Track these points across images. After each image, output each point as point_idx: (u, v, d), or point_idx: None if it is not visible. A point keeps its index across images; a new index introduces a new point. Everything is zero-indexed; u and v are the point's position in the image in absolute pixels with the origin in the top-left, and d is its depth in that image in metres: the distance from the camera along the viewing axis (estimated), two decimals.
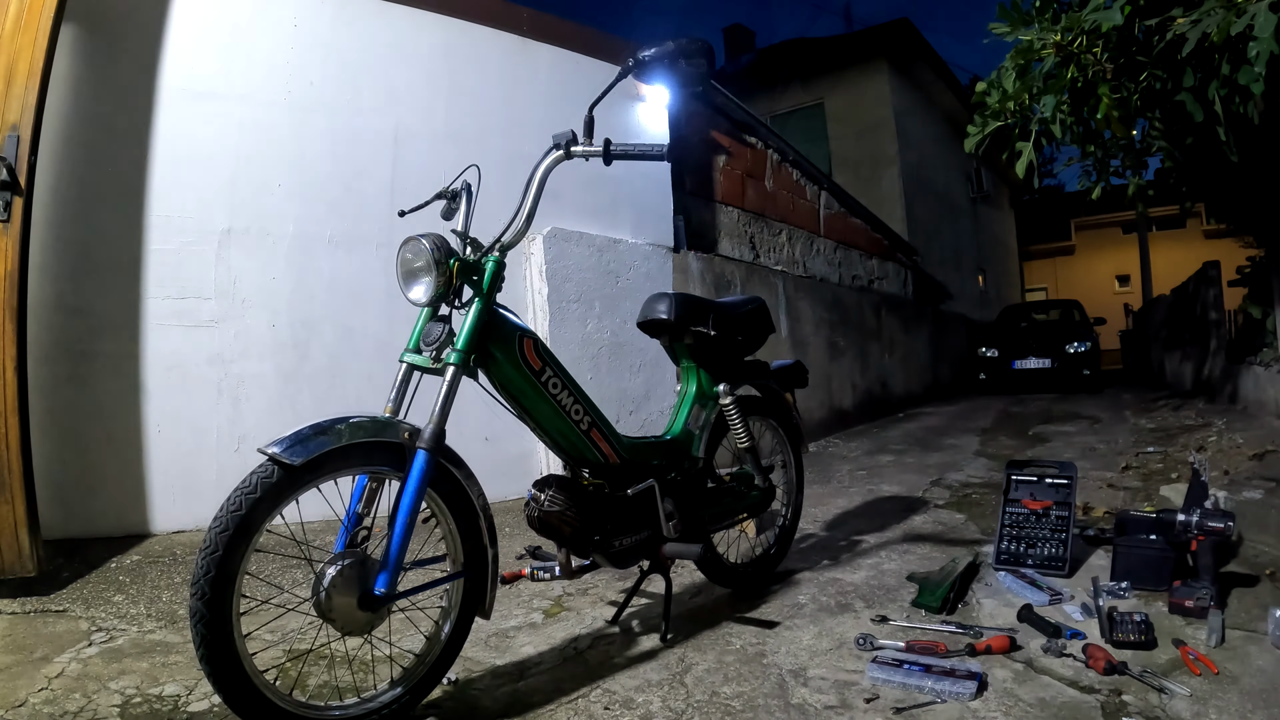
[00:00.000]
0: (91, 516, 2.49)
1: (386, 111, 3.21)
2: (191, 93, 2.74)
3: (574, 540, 1.64)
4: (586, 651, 1.76)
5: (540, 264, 3.51)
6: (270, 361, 2.86)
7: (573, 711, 1.45)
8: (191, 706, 1.47)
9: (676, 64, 1.51)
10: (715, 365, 2.04)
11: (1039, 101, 3.41)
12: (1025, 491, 2.28)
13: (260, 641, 1.51)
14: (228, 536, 1.16)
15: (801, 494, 2.38)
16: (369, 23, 3.20)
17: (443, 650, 1.46)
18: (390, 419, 1.37)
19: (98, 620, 1.93)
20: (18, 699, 1.48)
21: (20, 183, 2.06)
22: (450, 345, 1.42)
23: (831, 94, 10.70)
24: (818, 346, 5.94)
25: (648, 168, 4.12)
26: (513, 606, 2.08)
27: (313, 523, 1.39)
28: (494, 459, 3.12)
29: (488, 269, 1.46)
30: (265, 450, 1.21)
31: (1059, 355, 9.11)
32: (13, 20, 2.09)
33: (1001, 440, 5.14)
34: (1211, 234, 16.64)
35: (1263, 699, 1.36)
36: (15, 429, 2.02)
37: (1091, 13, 2.98)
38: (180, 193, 2.70)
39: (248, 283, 2.83)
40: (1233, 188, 4.39)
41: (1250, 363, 4.93)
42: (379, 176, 3.17)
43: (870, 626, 1.82)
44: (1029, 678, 1.51)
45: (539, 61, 3.73)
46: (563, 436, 1.63)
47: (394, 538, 1.31)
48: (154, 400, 2.62)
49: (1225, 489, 2.62)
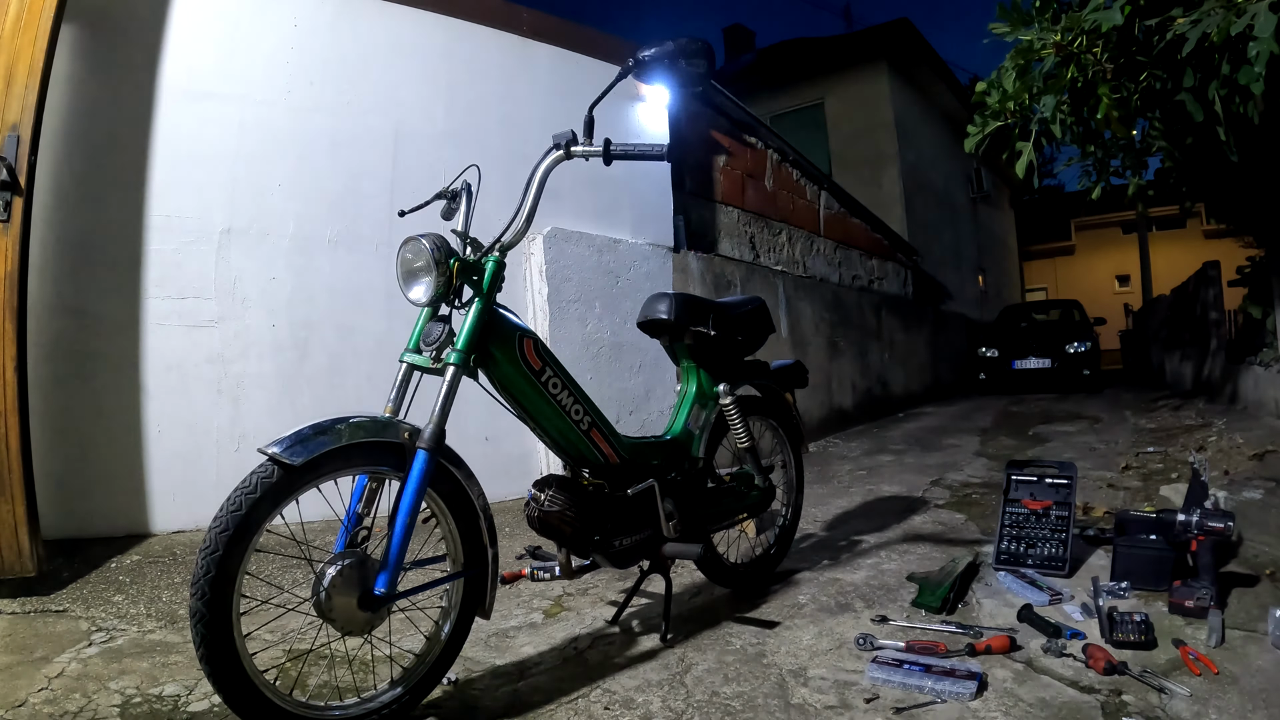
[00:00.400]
0: (91, 516, 2.49)
1: (386, 111, 3.21)
2: (191, 93, 2.74)
3: (574, 540, 1.63)
4: (586, 651, 1.76)
5: (540, 264, 3.51)
6: (270, 361, 2.86)
7: (573, 711, 1.45)
8: (191, 706, 1.47)
9: (676, 64, 1.51)
10: (715, 365, 2.04)
11: (1039, 101, 3.41)
12: (1025, 491, 2.28)
13: (260, 641, 1.51)
14: (228, 536, 1.16)
15: (801, 494, 2.38)
16: (369, 23, 3.20)
17: (443, 650, 1.46)
18: (390, 419, 1.37)
19: (98, 620, 1.93)
20: (18, 699, 1.48)
21: (20, 183, 2.06)
22: (450, 345, 1.42)
23: (831, 94, 10.69)
24: (818, 346, 5.94)
25: (648, 168, 4.12)
26: (513, 606, 2.08)
27: (313, 523, 1.39)
28: (494, 459, 3.13)
29: (488, 269, 1.46)
30: (265, 450, 1.21)
31: (1059, 355, 9.11)
32: (13, 20, 2.09)
33: (1001, 440, 5.14)
34: (1211, 234, 16.64)
35: (1263, 699, 1.36)
36: (15, 429, 2.02)
37: (1091, 13, 2.98)
38: (180, 193, 2.70)
39: (248, 283, 2.83)
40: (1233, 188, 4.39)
41: (1250, 363, 4.93)
42: (379, 176, 3.17)
43: (870, 626, 1.82)
44: (1029, 678, 1.51)
45: (539, 61, 3.73)
46: (563, 436, 1.63)
47: (394, 538, 1.31)
48: (154, 400, 2.62)
49: (1225, 489, 2.63)
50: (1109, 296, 19.72)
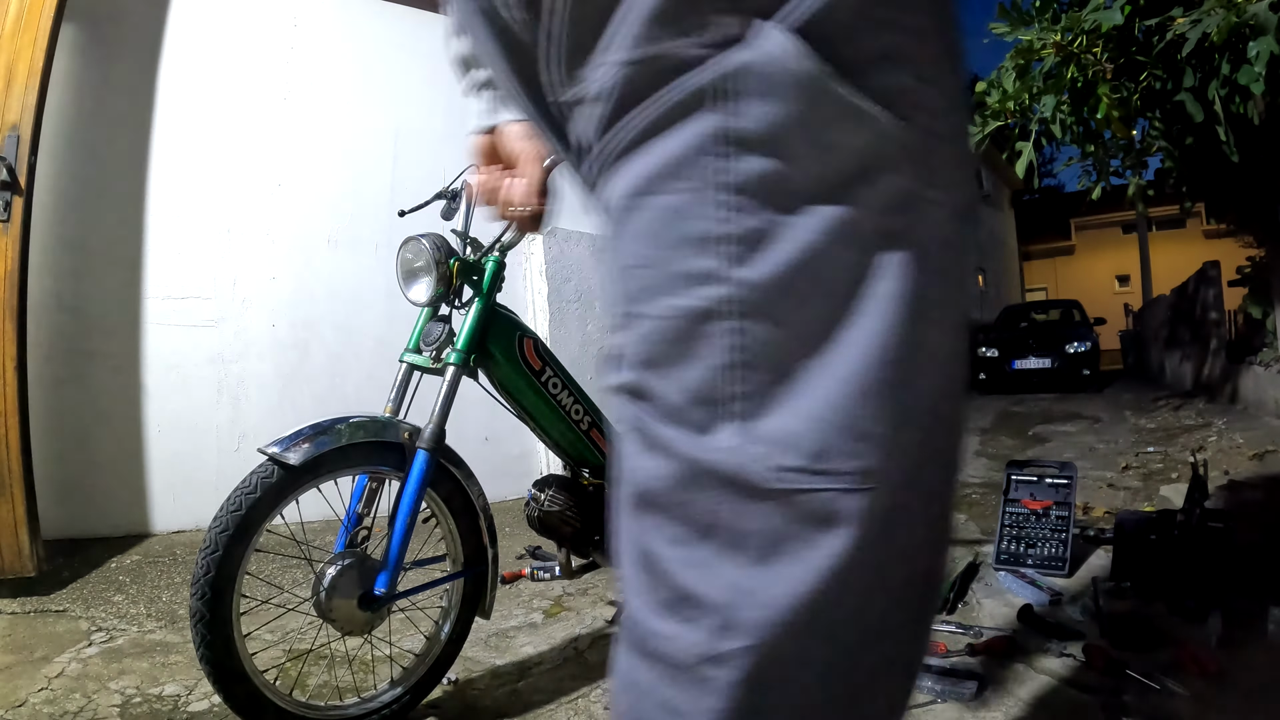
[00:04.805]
0: (91, 516, 2.49)
1: (386, 111, 3.21)
2: (191, 92, 2.74)
3: (574, 540, 1.63)
4: (586, 651, 1.76)
5: (540, 264, 3.51)
6: (270, 361, 2.86)
7: (573, 711, 1.44)
8: (191, 706, 1.47)
9: None
10: None
11: (1039, 101, 3.41)
12: (1025, 491, 2.28)
13: (260, 641, 1.51)
14: (228, 536, 1.16)
15: None
16: (369, 23, 3.20)
17: (443, 650, 1.46)
18: (390, 419, 1.37)
19: (98, 620, 1.92)
20: (18, 699, 1.48)
21: (20, 183, 2.06)
22: (450, 345, 1.42)
23: None
24: None
25: None
26: (513, 606, 2.08)
27: (313, 523, 1.39)
28: (494, 459, 3.12)
29: (488, 269, 1.46)
30: (265, 450, 1.21)
31: (1059, 355, 9.10)
32: (13, 20, 2.09)
33: (1001, 440, 5.14)
34: (1211, 234, 16.63)
35: (1263, 699, 1.36)
36: (15, 429, 2.02)
37: (1091, 13, 2.98)
38: (180, 192, 2.70)
39: (248, 283, 2.82)
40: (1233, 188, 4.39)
41: (1250, 363, 4.93)
42: (379, 176, 3.17)
43: None
44: (1029, 678, 1.50)
45: None
46: (563, 436, 1.63)
47: (394, 538, 1.31)
48: (154, 400, 2.61)
49: (1225, 489, 2.62)
50: (1109, 296, 19.72)
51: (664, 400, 0.39)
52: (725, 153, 0.37)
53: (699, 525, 0.39)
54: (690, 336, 0.38)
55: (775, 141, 0.37)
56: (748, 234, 0.37)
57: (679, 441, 0.39)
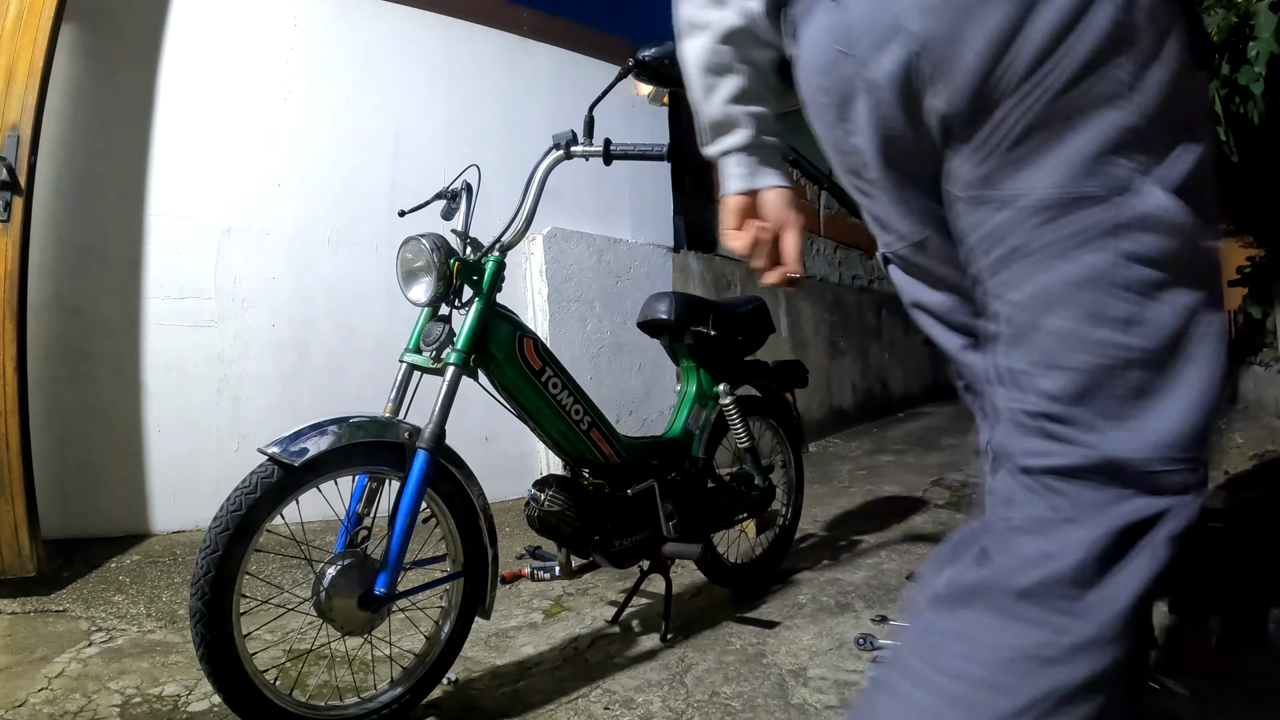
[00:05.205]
0: (91, 516, 2.49)
1: (387, 111, 3.21)
2: (191, 92, 2.74)
3: (574, 540, 1.64)
4: (586, 651, 1.76)
5: (540, 264, 3.51)
6: (270, 361, 2.86)
7: (573, 711, 1.45)
8: (191, 706, 1.47)
9: (677, 64, 1.51)
10: (715, 365, 2.04)
11: None
12: None
13: (260, 641, 1.51)
14: (228, 536, 1.16)
15: (801, 494, 2.38)
16: (369, 23, 3.20)
17: (443, 650, 1.46)
18: (390, 419, 1.37)
19: (98, 620, 1.93)
20: (18, 699, 1.48)
21: (20, 183, 2.06)
22: (450, 345, 1.42)
23: None
24: (818, 346, 5.93)
25: (648, 168, 4.12)
26: (513, 606, 2.08)
27: (313, 523, 1.39)
28: (494, 459, 3.12)
29: (488, 269, 1.46)
30: (265, 450, 1.21)
31: None
32: (13, 20, 2.09)
33: None
34: None
35: (1263, 699, 1.36)
36: (15, 429, 2.02)
37: None
38: (180, 192, 2.70)
39: (248, 283, 2.82)
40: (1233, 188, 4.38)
41: (1250, 363, 4.93)
42: (379, 176, 3.17)
43: (870, 626, 1.82)
44: None
45: (539, 61, 3.73)
46: (563, 436, 1.63)
47: (394, 538, 1.31)
48: (154, 400, 2.61)
49: (1225, 489, 2.62)
50: None
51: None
52: (1129, 265, 0.59)
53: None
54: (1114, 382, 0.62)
55: (1162, 261, 0.59)
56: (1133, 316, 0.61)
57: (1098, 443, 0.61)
